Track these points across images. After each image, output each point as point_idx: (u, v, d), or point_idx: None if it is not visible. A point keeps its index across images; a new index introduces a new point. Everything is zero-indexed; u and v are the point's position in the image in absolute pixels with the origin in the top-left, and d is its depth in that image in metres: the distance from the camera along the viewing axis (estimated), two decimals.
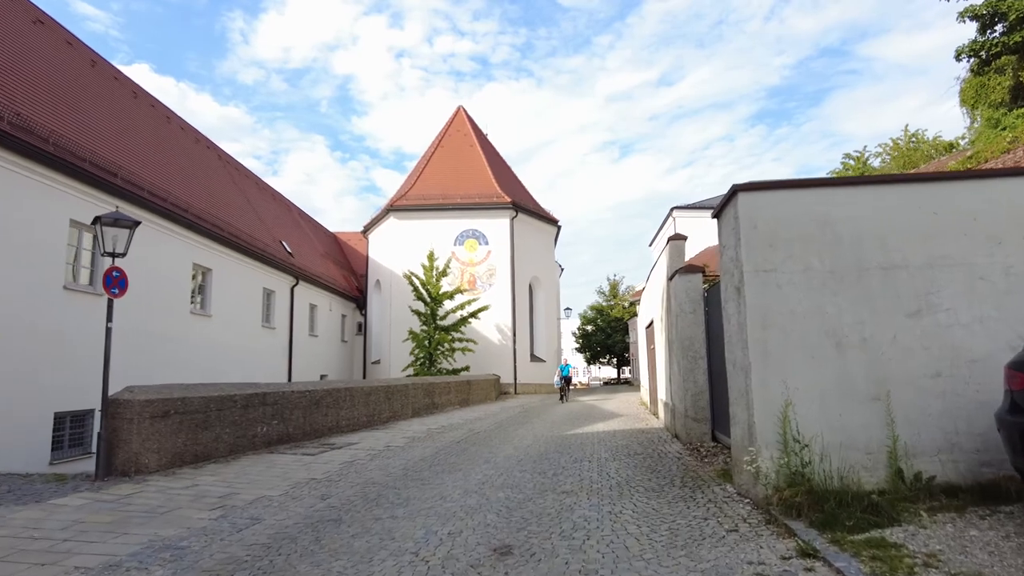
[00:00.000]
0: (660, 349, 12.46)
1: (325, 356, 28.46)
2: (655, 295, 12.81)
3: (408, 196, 29.85)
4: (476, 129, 34.18)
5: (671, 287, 9.98)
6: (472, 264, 28.79)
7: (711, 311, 8.96)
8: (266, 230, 25.19)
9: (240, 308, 20.03)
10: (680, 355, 9.28)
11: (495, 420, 14.79)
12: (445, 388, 18.17)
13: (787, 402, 4.71)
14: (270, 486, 6.93)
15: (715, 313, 8.66)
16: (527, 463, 7.94)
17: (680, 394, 9.42)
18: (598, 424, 13.14)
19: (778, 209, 5.08)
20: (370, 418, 13.44)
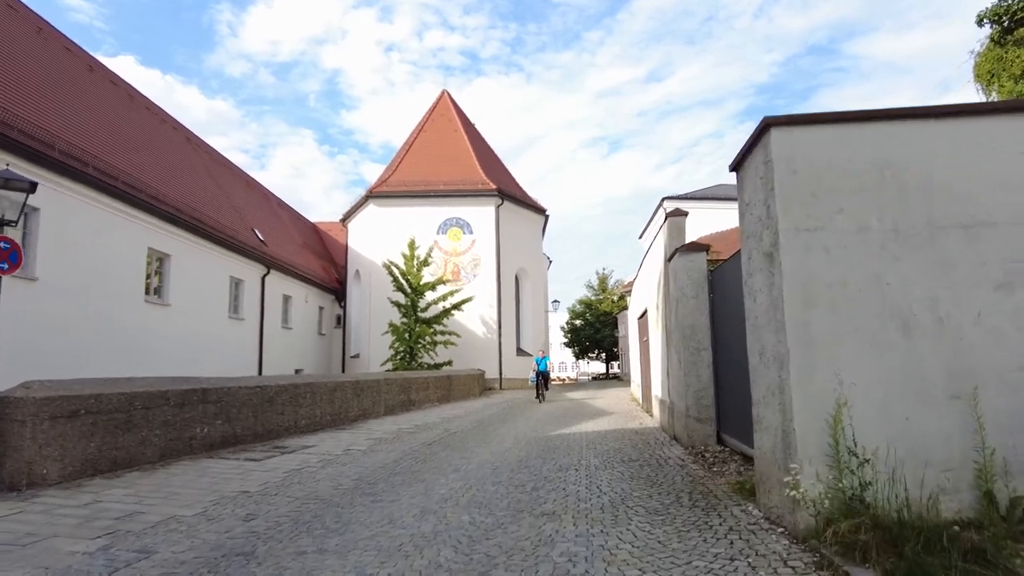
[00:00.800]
0: (655, 340, 11.29)
1: (300, 349, 27.09)
2: (650, 280, 11.63)
3: (389, 182, 28.48)
4: (461, 114, 32.84)
5: (670, 269, 8.80)
6: (456, 254, 27.50)
7: (717, 295, 7.79)
8: (237, 217, 23.76)
9: (204, 297, 18.63)
10: (680, 346, 8.10)
11: (475, 418, 13.57)
12: (423, 384, 16.92)
13: (840, 402, 3.53)
14: (189, 502, 5.67)
15: (722, 297, 7.50)
16: (503, 472, 6.72)
17: (680, 391, 8.25)
18: (586, 423, 11.95)
19: (824, 150, 3.88)
20: (335, 417, 12.17)
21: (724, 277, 7.47)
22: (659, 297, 10.32)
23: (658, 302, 10.52)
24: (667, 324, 9.43)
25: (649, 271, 11.90)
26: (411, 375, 16.39)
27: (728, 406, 7.44)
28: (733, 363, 7.10)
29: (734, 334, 6.95)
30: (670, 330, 9.12)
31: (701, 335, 7.94)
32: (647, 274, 12.38)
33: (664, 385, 10.05)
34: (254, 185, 31.31)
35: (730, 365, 7.27)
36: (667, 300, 9.26)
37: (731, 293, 7.02)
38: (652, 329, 11.90)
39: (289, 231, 31.42)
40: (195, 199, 19.63)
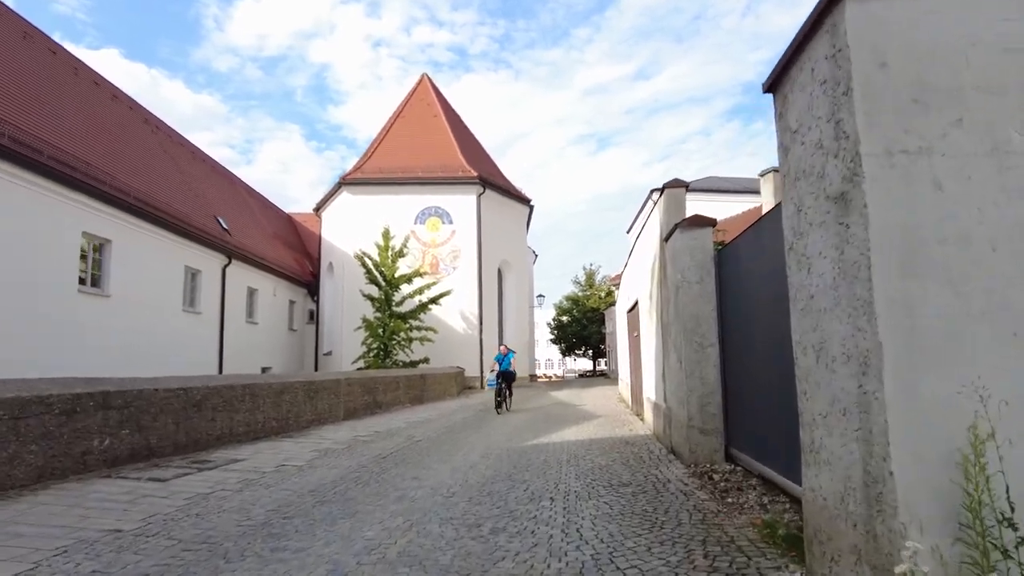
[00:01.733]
0: (648, 335, 9.88)
1: (268, 346, 25.44)
2: (642, 267, 10.22)
3: (363, 169, 26.87)
4: (441, 99, 31.26)
5: (667, 251, 7.38)
6: (434, 245, 25.97)
7: (726, 280, 6.38)
8: (198, 203, 22.08)
9: (152, 288, 16.97)
10: (681, 342, 6.69)
11: (446, 423, 12.10)
12: (392, 384, 15.42)
13: (979, 433, 2.09)
14: (19, 553, 4.15)
15: (733, 281, 6.09)
16: (458, 502, 5.26)
17: (680, 395, 6.83)
18: (569, 429, 10.53)
19: (932, 27, 2.46)
20: (283, 423, 10.64)
21: (735, 256, 6.07)
22: (653, 285, 8.90)
23: (651, 291, 9.11)
24: (663, 316, 8.01)
25: (641, 256, 10.49)
26: (377, 374, 14.87)
27: (740, 415, 6.04)
28: (747, 362, 5.70)
29: (749, 326, 5.56)
30: (667, 323, 7.70)
31: (706, 328, 6.52)
32: (638, 260, 10.97)
33: (659, 387, 8.63)
34: (222, 172, 29.60)
35: (743, 365, 5.87)
36: (664, 288, 7.84)
37: (745, 275, 5.62)
38: (644, 323, 10.50)
39: (259, 221, 29.72)
40: (146, 181, 17.95)
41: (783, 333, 4.46)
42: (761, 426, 5.29)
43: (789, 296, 3.24)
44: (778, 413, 4.74)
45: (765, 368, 5.05)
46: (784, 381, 4.46)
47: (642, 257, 10.32)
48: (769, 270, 4.69)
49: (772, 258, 4.63)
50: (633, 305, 12.29)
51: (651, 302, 9.22)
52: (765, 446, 5.21)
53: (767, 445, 5.14)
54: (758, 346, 5.29)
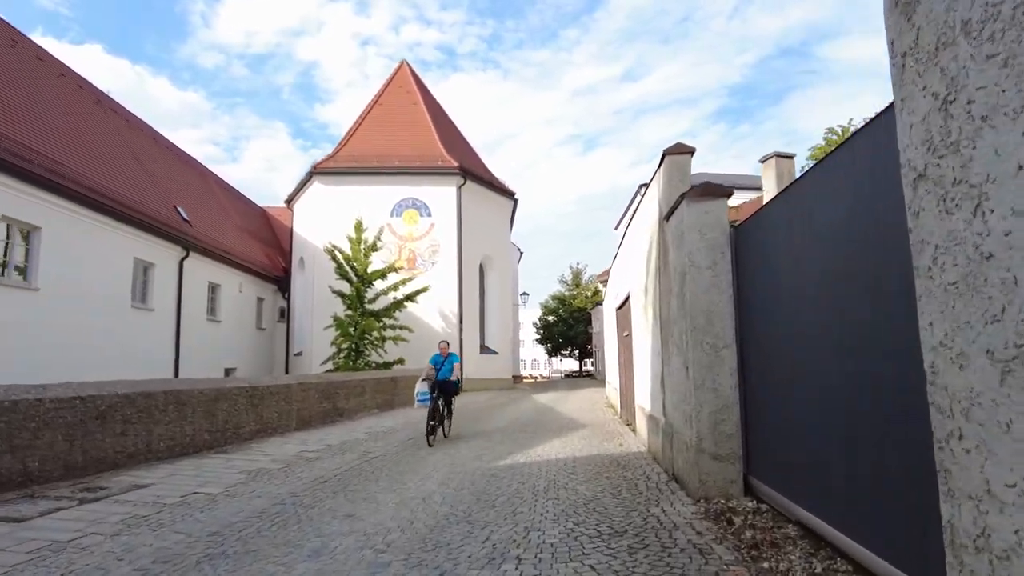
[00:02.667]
0: (642, 335, 8.52)
1: (233, 346, 23.79)
2: (635, 256, 8.85)
3: (336, 158, 25.30)
4: (421, 86, 29.76)
5: (670, 231, 6.02)
6: (412, 239, 24.47)
7: (746, 263, 5.03)
8: (155, 191, 20.43)
9: (93, 282, 15.33)
10: (688, 342, 5.32)
11: (411, 434, 10.67)
12: (357, 388, 13.93)
13: None
14: None
15: (756, 264, 4.74)
16: (392, 560, 3.84)
17: (686, 409, 5.46)
18: (550, 444, 9.14)
19: None
20: (218, 436, 9.15)
21: (763, 230, 4.71)
22: (648, 276, 7.54)
23: (646, 283, 7.75)
24: (662, 312, 6.65)
25: (634, 244, 9.12)
26: (339, 377, 13.38)
27: (767, 437, 4.68)
28: (778, 368, 4.36)
29: (782, 320, 4.21)
30: (667, 320, 6.34)
31: (720, 325, 5.16)
32: (631, 249, 9.61)
33: (656, 397, 7.26)
34: (190, 162, 27.90)
35: (772, 371, 4.53)
36: (664, 277, 6.47)
37: (779, 252, 4.26)
38: (637, 320, 9.14)
39: (227, 213, 28.03)
40: (89, 164, 16.31)
41: (849, 325, 3.10)
42: (802, 454, 3.93)
43: (914, 261, 1.86)
44: (835, 439, 3.38)
45: (814, 376, 3.69)
46: (850, 394, 3.10)
47: (635, 245, 8.96)
48: (829, 237, 3.34)
49: (833, 221, 3.28)
50: (624, 301, 10.93)
51: (646, 296, 7.85)
52: (810, 483, 3.85)
53: (813, 482, 3.78)
54: (799, 346, 3.93)
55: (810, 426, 3.81)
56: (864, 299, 3.00)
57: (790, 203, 4.06)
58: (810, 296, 3.73)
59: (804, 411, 3.90)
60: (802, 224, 3.81)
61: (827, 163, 3.41)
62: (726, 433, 5.06)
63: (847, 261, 3.18)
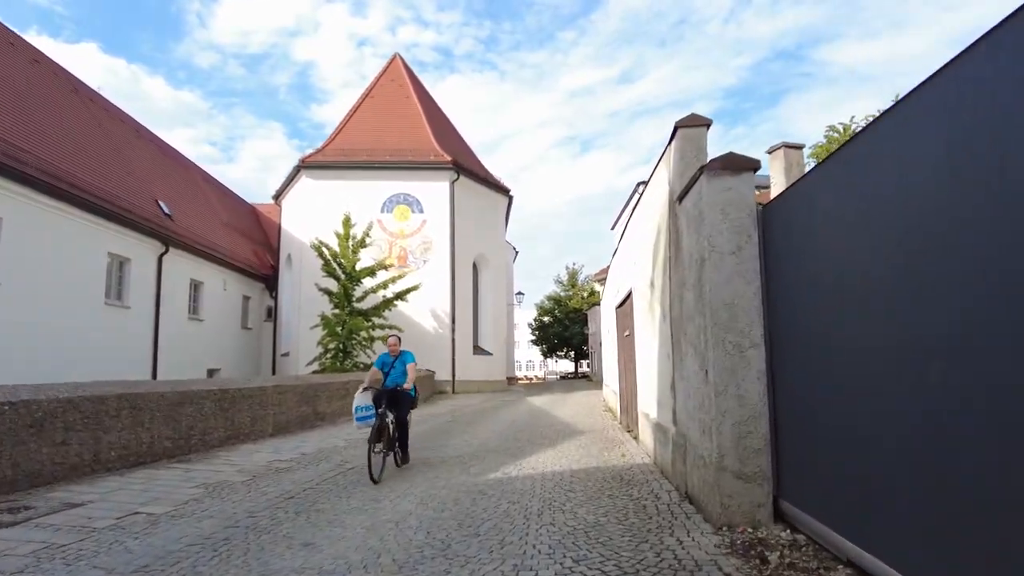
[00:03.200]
0: (647, 335, 7.74)
1: (216, 346, 22.92)
2: (640, 245, 8.08)
3: (325, 151, 24.48)
4: (414, 79, 28.96)
5: (683, 215, 5.26)
6: (403, 235, 23.66)
7: (780, 245, 4.27)
8: (134, 184, 19.58)
9: (61, 276, 14.47)
10: (707, 341, 4.55)
11: None
12: (339, 391, 13.11)
13: None
14: None
15: (792, 248, 3.99)
16: None
17: (704, 419, 4.69)
18: (545, 453, 8.36)
19: None
20: (181, 443, 8.33)
21: (799, 206, 3.95)
22: (656, 268, 6.77)
23: (653, 277, 6.98)
24: (672, 308, 5.88)
25: (638, 234, 8.35)
26: (320, 380, 12.55)
27: (805, 453, 3.92)
28: (820, 369, 3.61)
29: (831, 313, 3.44)
30: (678, 317, 5.57)
31: (746, 321, 4.39)
32: (633, 240, 8.83)
33: (664, 403, 6.48)
34: (176, 157, 27.04)
35: (812, 374, 3.77)
36: (675, 269, 5.70)
37: (822, 232, 3.50)
38: (640, 319, 8.36)
39: (214, 209, 27.17)
40: (59, 153, 15.46)
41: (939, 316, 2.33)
42: (857, 477, 3.17)
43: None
44: (908, 460, 2.62)
45: (883, 379, 2.93)
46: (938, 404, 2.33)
47: (639, 236, 8.19)
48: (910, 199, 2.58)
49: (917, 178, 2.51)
50: (625, 299, 10.16)
51: (652, 291, 7.08)
52: (868, 513, 3.07)
53: (874, 512, 3.01)
54: (857, 345, 3.17)
55: (868, 441, 3.05)
56: (970, 279, 2.23)
57: (848, 164, 3.28)
58: (875, 279, 2.96)
59: (861, 423, 3.13)
60: (864, 189, 3.04)
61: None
62: (753, 448, 4.29)
63: (934, 230, 2.42)
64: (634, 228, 8.74)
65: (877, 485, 2.99)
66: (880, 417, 2.96)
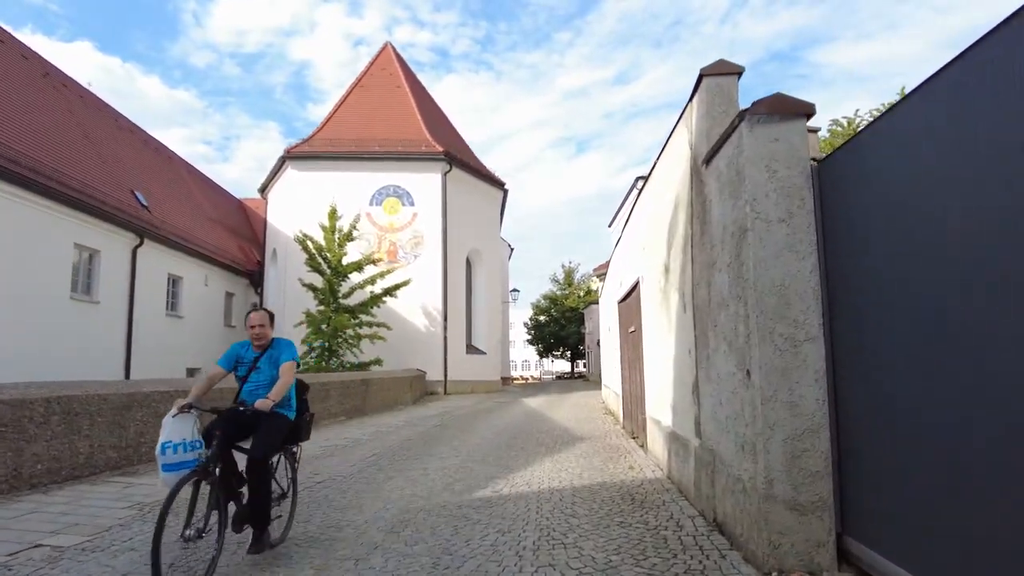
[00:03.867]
0: (660, 328, 6.77)
1: (197, 345, 21.84)
2: (652, 225, 7.11)
3: (312, 142, 23.45)
4: (406, 69, 27.95)
5: (712, 179, 4.30)
6: (392, 229, 22.65)
7: (845, 208, 3.31)
8: (107, 173, 18.53)
9: (18, 268, 13.42)
10: (752, 332, 3.60)
11: (373, 450, 8.89)
12: (320, 392, 12.08)
13: None
14: None
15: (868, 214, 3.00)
16: None
17: (743, 432, 3.72)
18: (540, 465, 7.39)
19: None
20: (126, 453, 7.31)
21: (875, 155, 2.99)
22: (673, 249, 5.81)
23: (669, 260, 6.02)
24: (696, 295, 4.92)
25: (648, 214, 7.39)
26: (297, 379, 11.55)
27: (883, 477, 2.96)
28: (910, 368, 2.63)
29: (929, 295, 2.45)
30: (707, 305, 4.62)
31: (801, 308, 3.43)
32: (642, 221, 7.87)
33: (684, 410, 5.51)
34: (158, 148, 25.96)
35: (896, 374, 2.81)
36: (700, 246, 4.75)
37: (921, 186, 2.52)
38: (651, 311, 7.40)
39: (197, 203, 26.10)
40: (19, 137, 14.41)
41: None
42: (965, 512, 2.20)
43: None
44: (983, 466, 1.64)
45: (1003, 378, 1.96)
46: None
47: (649, 217, 7.23)
48: None
49: None
50: (630, 291, 9.20)
51: (666, 278, 6.12)
52: (991, 566, 2.10)
53: (999, 563, 2.04)
54: (963, 330, 2.20)
55: (979, 467, 2.09)
56: None
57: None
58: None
59: (976, 440, 2.17)
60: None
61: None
62: (810, 470, 3.33)
63: None
64: (643, 209, 7.78)
65: (990, 522, 2.03)
66: (1012, 433, 1.99)
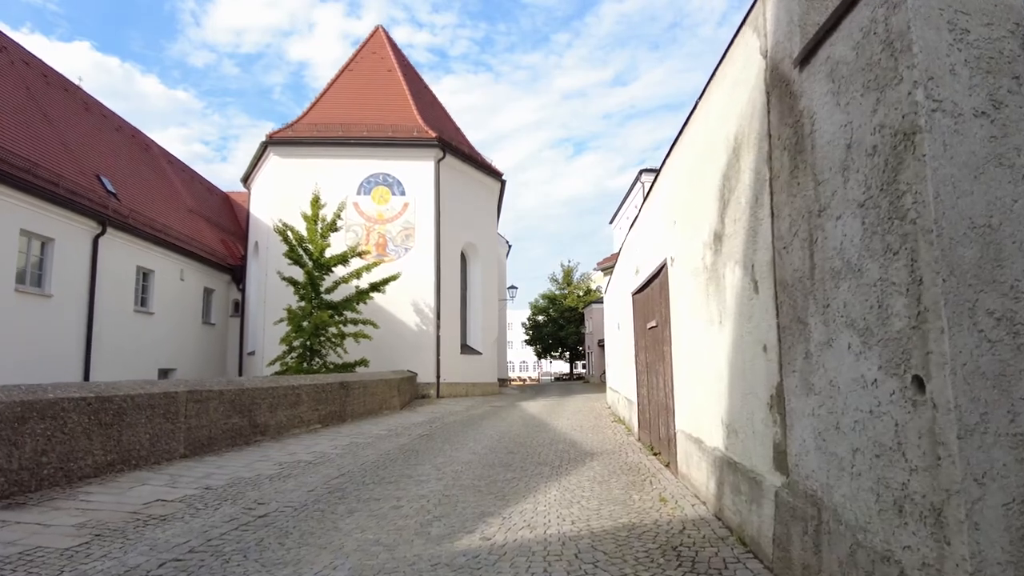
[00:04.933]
0: (703, 318, 5.23)
1: (171, 344, 20.31)
2: (691, 185, 5.57)
3: (296, 127, 21.91)
4: (398, 53, 26.42)
5: (819, 78, 2.77)
6: (382, 220, 21.11)
7: None
8: (67, 156, 16.99)
9: None
10: (932, 306, 2.06)
11: (346, 467, 7.37)
12: (288, 397, 10.56)
13: None
14: None
15: None
16: None
17: (901, 480, 2.19)
18: (544, 494, 5.86)
19: None
20: (20, 477, 5.77)
21: None
22: (725, 209, 4.30)
23: (719, 226, 4.50)
24: (774, 265, 3.41)
25: (682, 173, 5.86)
26: (259, 383, 9.95)
27: None
28: None
29: None
30: (805, 276, 3.11)
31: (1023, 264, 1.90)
32: (672, 186, 6.34)
33: (749, 429, 3.97)
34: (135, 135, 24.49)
35: None
36: (788, 190, 3.23)
37: None
38: (686, 297, 5.88)
39: (176, 193, 24.61)
40: None
41: None
42: None
43: None
44: None
45: None
46: None
47: (682, 178, 5.71)
48: None
49: None
50: (651, 277, 7.69)
51: (717, 249, 4.60)
52: None
53: None
54: None
55: None
56: None
57: None
58: None
59: None
60: None
61: None
62: None
63: None
64: (672, 176, 6.26)
65: None
66: None
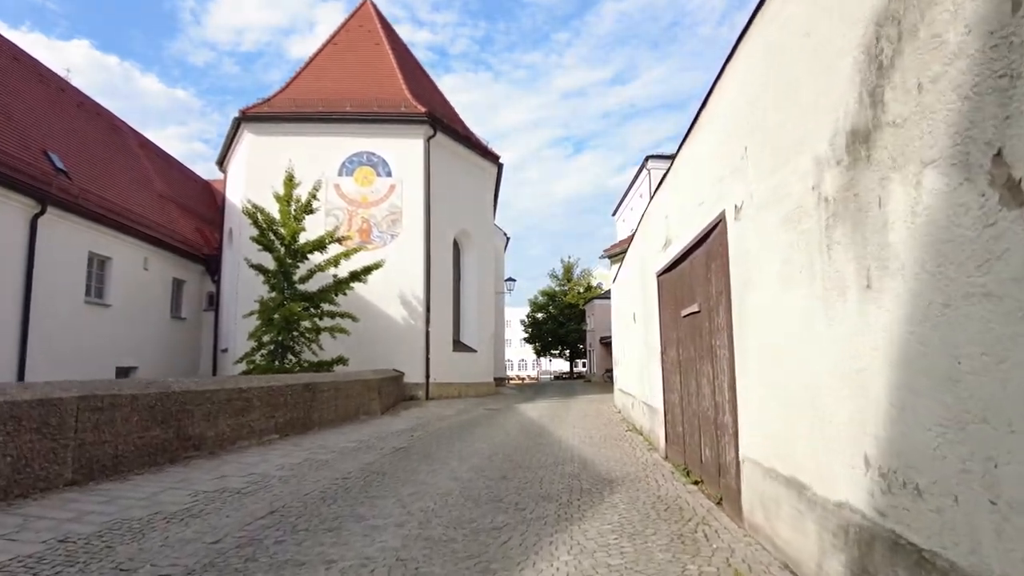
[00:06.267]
0: (802, 293, 3.31)
1: (133, 339, 18.34)
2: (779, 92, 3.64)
3: (273, 103, 19.96)
4: (387, 26, 24.47)
5: None
6: (365, 203, 19.17)
7: None
8: (10, 128, 15.06)
9: None
10: None
11: (283, 500, 5.45)
12: (233, 403, 8.63)
13: None
14: None
15: None
16: None
17: None
18: (551, 559, 3.96)
19: None
20: None
21: None
22: (866, 75, 2.36)
23: (861, 115, 2.58)
24: None
25: (750, 87, 3.95)
26: (190, 386, 8.01)
27: None
28: None
29: None
30: None
31: None
32: (734, 113, 4.43)
33: (948, 487, 2.06)
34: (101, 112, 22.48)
35: None
36: None
37: None
38: (761, 258, 3.97)
39: (146, 176, 22.63)
40: None
41: None
42: None
43: None
44: None
45: None
46: None
47: (755, 93, 3.81)
48: None
49: None
50: (699, 239, 5.78)
51: (850, 162, 2.67)
52: None
53: None
54: None
55: None
56: None
57: None
58: None
59: None
60: None
61: None
62: None
63: None
64: (747, 72, 4.34)
65: None
66: None
